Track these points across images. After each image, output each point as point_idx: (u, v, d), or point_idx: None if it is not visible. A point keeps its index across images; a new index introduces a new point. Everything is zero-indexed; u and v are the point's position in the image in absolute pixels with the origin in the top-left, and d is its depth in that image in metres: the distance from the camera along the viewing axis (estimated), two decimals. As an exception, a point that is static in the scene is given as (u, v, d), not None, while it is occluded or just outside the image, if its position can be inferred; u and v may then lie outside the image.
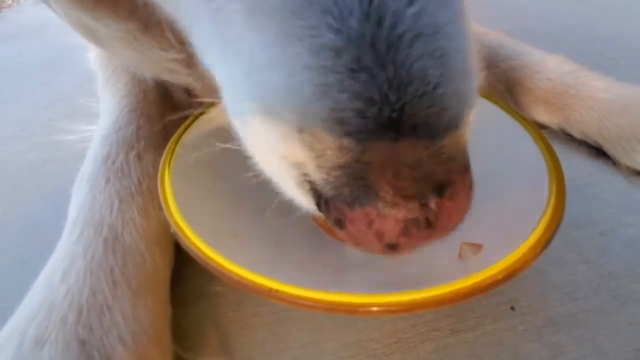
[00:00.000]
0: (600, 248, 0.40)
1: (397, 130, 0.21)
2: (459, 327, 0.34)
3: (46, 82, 0.70)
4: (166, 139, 0.38)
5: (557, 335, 0.34)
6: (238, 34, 0.23)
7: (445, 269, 0.30)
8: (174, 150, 0.35)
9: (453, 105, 0.22)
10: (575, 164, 0.49)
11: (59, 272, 0.31)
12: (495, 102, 0.41)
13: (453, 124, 0.22)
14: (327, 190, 0.23)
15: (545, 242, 0.28)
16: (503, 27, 0.61)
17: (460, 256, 0.31)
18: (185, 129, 0.38)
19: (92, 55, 0.54)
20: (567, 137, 0.52)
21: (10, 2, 1.54)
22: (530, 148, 0.36)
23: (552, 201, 0.31)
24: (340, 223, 0.24)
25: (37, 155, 0.55)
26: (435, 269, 0.30)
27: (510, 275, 0.27)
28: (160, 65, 0.37)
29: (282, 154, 0.24)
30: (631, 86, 0.51)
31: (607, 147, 0.49)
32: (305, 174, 0.24)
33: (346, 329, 0.34)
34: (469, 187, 0.24)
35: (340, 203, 0.23)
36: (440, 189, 0.22)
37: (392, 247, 0.24)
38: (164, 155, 0.35)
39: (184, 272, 0.37)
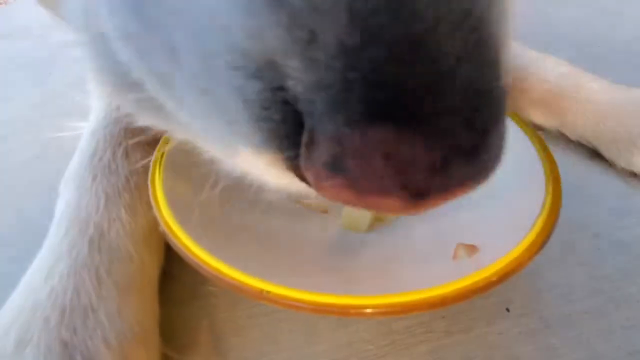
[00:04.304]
0: (595, 250, 0.40)
1: None
2: (453, 329, 0.34)
3: (38, 81, 0.69)
4: (158, 135, 0.37)
5: (551, 337, 0.34)
6: None
7: (439, 271, 0.30)
8: (165, 146, 0.35)
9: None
10: (570, 165, 0.49)
11: (43, 272, 0.30)
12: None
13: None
14: (320, 102, 0.13)
15: (541, 243, 0.28)
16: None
17: (454, 257, 0.31)
18: None
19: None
20: (563, 139, 0.52)
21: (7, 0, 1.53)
22: (526, 148, 0.35)
23: (548, 202, 0.30)
24: (337, 161, 0.14)
25: (28, 153, 0.54)
26: (429, 270, 0.30)
27: (504, 276, 0.26)
28: None
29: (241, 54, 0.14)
30: (627, 88, 0.51)
31: (603, 150, 0.48)
32: (278, 89, 0.14)
33: (339, 331, 0.34)
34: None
35: (340, 124, 0.13)
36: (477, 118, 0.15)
37: (420, 195, 0.15)
38: (155, 152, 0.35)
39: (177, 272, 0.36)
